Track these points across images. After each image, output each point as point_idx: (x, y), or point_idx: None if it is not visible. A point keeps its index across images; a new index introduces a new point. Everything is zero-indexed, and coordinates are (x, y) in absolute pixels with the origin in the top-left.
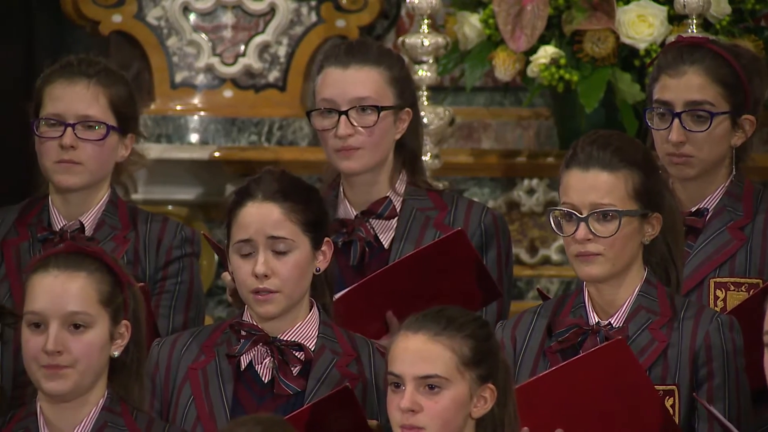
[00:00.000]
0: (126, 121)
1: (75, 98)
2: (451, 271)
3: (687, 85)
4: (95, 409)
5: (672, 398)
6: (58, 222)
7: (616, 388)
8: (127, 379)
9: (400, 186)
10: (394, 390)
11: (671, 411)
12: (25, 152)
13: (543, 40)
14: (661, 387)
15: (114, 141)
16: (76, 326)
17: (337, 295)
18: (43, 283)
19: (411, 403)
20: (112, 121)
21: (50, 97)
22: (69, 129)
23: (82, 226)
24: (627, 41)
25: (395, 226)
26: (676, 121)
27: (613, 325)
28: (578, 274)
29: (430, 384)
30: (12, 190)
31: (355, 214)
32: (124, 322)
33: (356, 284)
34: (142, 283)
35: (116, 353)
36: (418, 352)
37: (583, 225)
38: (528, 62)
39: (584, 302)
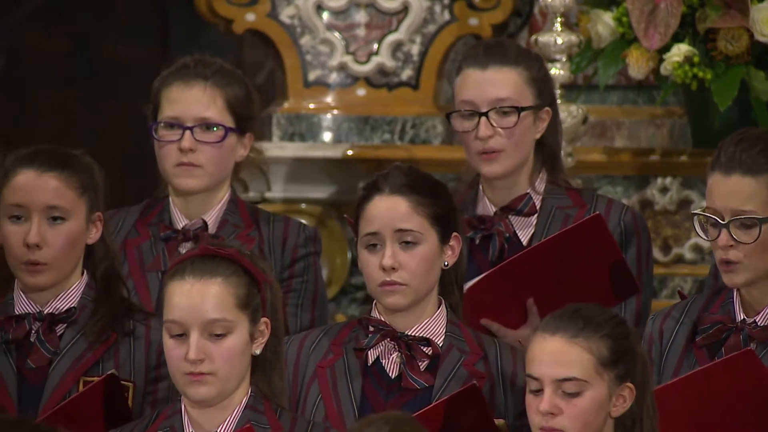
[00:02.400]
0: (244, 121)
1: (192, 101)
2: (588, 258)
3: None
4: (239, 408)
5: None
6: (180, 222)
7: (747, 399)
8: (269, 374)
9: (540, 184)
10: (533, 392)
11: None
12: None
13: (676, 38)
14: None
15: (232, 141)
16: (217, 334)
17: (474, 280)
18: (181, 292)
19: (550, 406)
20: (229, 122)
21: (168, 100)
22: (187, 132)
23: (204, 225)
24: (761, 39)
25: (534, 222)
26: None
27: (758, 323)
28: (723, 280)
29: (569, 386)
30: (148, 190)
31: (494, 210)
32: (264, 319)
33: (493, 269)
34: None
35: (258, 351)
36: (555, 355)
37: (724, 231)
38: (661, 60)
39: (732, 299)
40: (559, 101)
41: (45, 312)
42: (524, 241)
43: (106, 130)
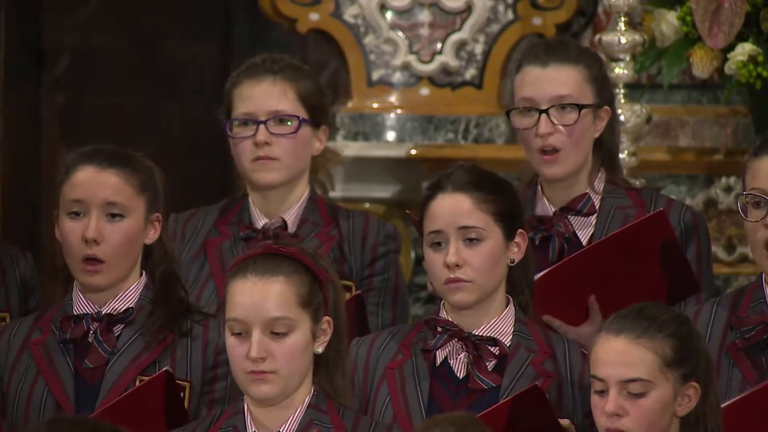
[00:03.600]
0: (317, 113)
1: (263, 95)
2: (650, 256)
3: None
4: (301, 408)
5: None
6: (259, 220)
7: None
8: (332, 373)
9: (599, 184)
10: (598, 393)
11: None
12: (222, 150)
13: (740, 37)
14: None
15: (307, 133)
16: (278, 332)
17: (535, 277)
18: (243, 290)
19: (616, 407)
20: (303, 114)
21: (239, 97)
22: (261, 126)
23: (284, 223)
24: None
25: (594, 222)
26: None
27: None
28: (763, 266)
29: (634, 387)
30: (210, 191)
31: (553, 210)
32: (326, 318)
33: (554, 266)
34: (358, 292)
35: (320, 350)
36: (620, 356)
37: None
38: (725, 59)
39: (764, 297)
40: (622, 101)
41: (103, 312)
42: (584, 241)
43: (168, 130)
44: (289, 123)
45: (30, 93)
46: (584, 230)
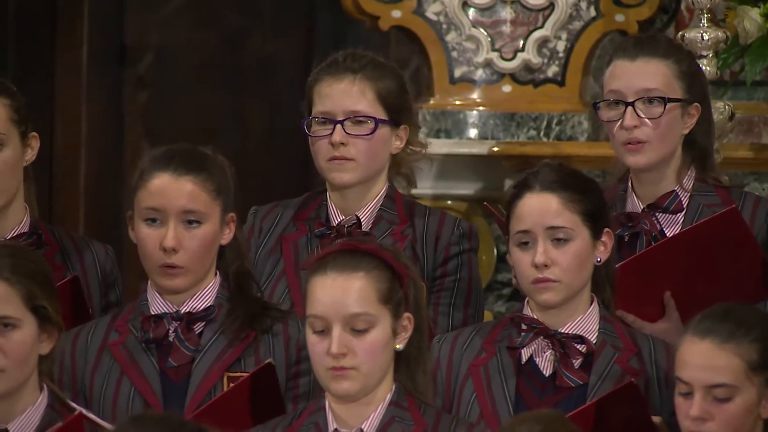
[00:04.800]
0: (397, 113)
1: (342, 95)
2: (726, 253)
3: None
4: (383, 405)
5: None
6: (336, 217)
7: None
8: (413, 369)
9: (688, 182)
10: (683, 395)
11: None
12: (304, 147)
13: None
14: None
15: (385, 134)
16: (359, 329)
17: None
18: (323, 287)
19: (701, 412)
20: (381, 115)
21: (318, 95)
22: (338, 126)
23: (358, 221)
24: None
25: (681, 220)
26: None
27: None
28: None
29: (720, 392)
30: (292, 188)
31: (641, 207)
32: (406, 314)
33: (627, 260)
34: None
35: (400, 346)
36: (705, 360)
37: None
38: None
39: None
40: None
41: (182, 311)
42: (660, 242)
43: (251, 128)
44: (366, 123)
45: (113, 91)
46: (671, 228)
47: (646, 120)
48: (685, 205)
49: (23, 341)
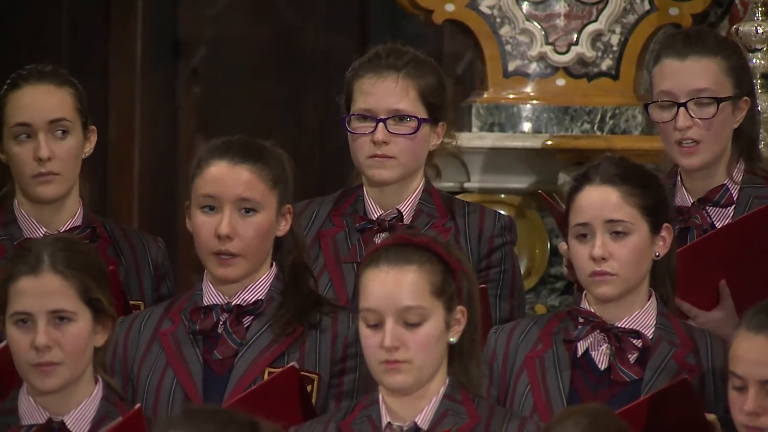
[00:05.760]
0: (437, 111)
1: (385, 93)
2: None
3: None
4: (436, 398)
5: None
6: (374, 212)
7: None
8: (466, 363)
9: (738, 174)
10: (737, 389)
11: None
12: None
13: None
14: None
15: (426, 132)
16: (412, 323)
17: None
18: (375, 280)
19: (755, 407)
20: (422, 113)
21: (360, 92)
22: (380, 124)
23: (400, 215)
24: None
25: (732, 214)
26: None
27: None
28: None
29: None
30: (345, 182)
31: (692, 201)
32: (459, 308)
33: (682, 248)
34: (483, 286)
35: (453, 339)
36: (760, 355)
37: None
38: None
39: None
40: (759, 91)
41: (233, 303)
42: (713, 231)
43: (305, 121)
44: (408, 121)
45: (167, 84)
46: (722, 221)
47: (699, 120)
48: (735, 198)
49: (79, 334)
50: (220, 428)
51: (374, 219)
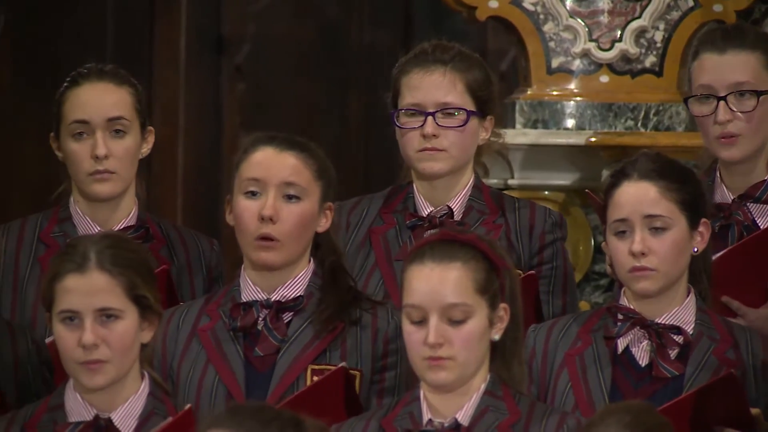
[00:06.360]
0: (484, 104)
1: (433, 87)
2: None
3: None
4: (477, 394)
5: None
6: (424, 208)
7: None
8: (508, 360)
9: None
10: None
11: None
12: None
13: None
14: None
15: (474, 125)
16: (456, 320)
17: (714, 257)
18: (420, 276)
19: None
20: (470, 106)
21: (408, 87)
22: (429, 118)
23: (450, 211)
24: None
25: None
26: None
27: None
28: None
29: None
30: (389, 178)
31: (732, 198)
32: (503, 305)
33: (732, 246)
34: (530, 272)
35: (497, 337)
36: None
37: None
38: None
39: None
40: None
41: (272, 299)
42: (764, 228)
43: (349, 118)
44: (456, 114)
45: (210, 81)
46: (764, 218)
47: (739, 114)
48: None
49: (126, 332)
50: (263, 425)
51: (424, 216)
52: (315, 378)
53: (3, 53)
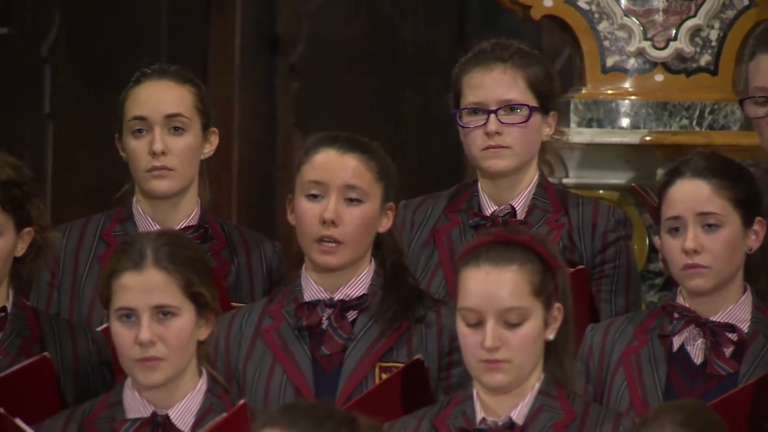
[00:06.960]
0: (546, 100)
1: (494, 84)
2: None
3: None
4: (531, 394)
5: None
6: (489, 207)
7: None
8: (561, 358)
9: None
10: None
11: None
12: (456, 136)
13: None
14: None
15: (537, 121)
16: (512, 323)
17: None
18: (476, 279)
19: None
20: (533, 102)
21: (469, 86)
22: (492, 116)
23: (513, 210)
24: None
25: None
26: None
27: None
28: None
29: None
30: (444, 177)
31: None
32: (557, 305)
33: None
34: (581, 267)
35: (551, 337)
36: None
37: None
38: None
39: None
40: None
41: (336, 299)
42: None
43: (403, 117)
44: (519, 111)
45: (265, 80)
46: None
47: None
48: None
49: (182, 329)
50: (317, 424)
51: (488, 215)
52: (383, 375)
53: (58, 54)
